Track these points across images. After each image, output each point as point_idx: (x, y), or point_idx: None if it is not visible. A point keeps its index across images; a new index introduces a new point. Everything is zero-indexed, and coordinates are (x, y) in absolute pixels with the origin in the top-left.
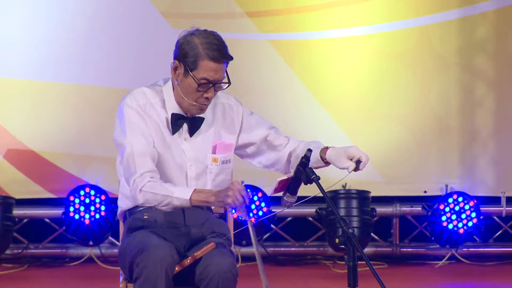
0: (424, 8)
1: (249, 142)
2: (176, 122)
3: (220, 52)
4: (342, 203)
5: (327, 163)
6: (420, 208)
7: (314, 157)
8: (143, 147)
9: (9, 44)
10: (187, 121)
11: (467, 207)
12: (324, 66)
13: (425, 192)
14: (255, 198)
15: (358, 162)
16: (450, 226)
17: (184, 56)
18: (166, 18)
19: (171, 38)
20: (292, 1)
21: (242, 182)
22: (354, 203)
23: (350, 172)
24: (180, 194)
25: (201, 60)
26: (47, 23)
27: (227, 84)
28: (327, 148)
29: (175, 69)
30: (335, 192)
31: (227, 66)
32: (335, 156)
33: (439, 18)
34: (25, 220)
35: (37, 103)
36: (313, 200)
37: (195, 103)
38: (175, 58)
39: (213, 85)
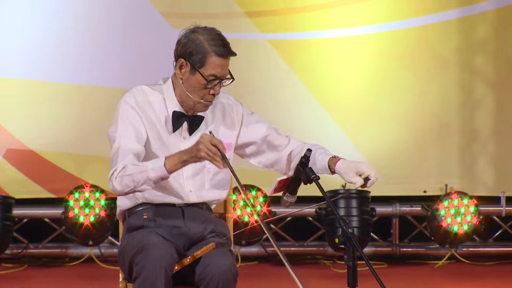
0: (424, 8)
1: (249, 142)
2: (177, 120)
3: (226, 47)
4: (341, 203)
5: (333, 173)
6: (419, 208)
7: (321, 165)
8: (130, 145)
9: (9, 44)
10: (187, 120)
11: (466, 207)
12: (324, 66)
13: (424, 192)
14: (261, 199)
15: (366, 179)
16: (450, 226)
17: (190, 54)
18: (166, 18)
19: (171, 38)
20: (292, 1)
21: (210, 132)
22: (354, 203)
23: (356, 188)
24: (153, 165)
25: (209, 57)
26: (47, 23)
27: (231, 80)
28: (335, 157)
29: (180, 67)
30: (335, 192)
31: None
32: (345, 169)
33: (438, 18)
34: (25, 220)
35: (37, 103)
36: (313, 200)
37: (201, 100)
38: (179, 56)
39: (220, 81)
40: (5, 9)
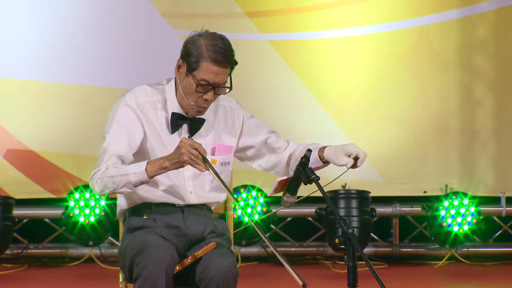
0: (424, 8)
1: (249, 145)
2: (176, 122)
3: (223, 55)
4: (342, 203)
5: (326, 163)
6: (420, 208)
7: (313, 157)
8: (119, 149)
9: (9, 44)
10: (187, 122)
11: (467, 207)
12: (324, 66)
13: (425, 192)
14: (263, 199)
15: (356, 158)
16: (450, 226)
17: (188, 55)
18: (166, 18)
19: (171, 38)
20: (292, 1)
21: (189, 137)
22: (354, 203)
23: (348, 169)
24: (135, 169)
25: (203, 61)
26: (47, 23)
27: (228, 89)
28: (325, 147)
29: (178, 67)
30: (335, 192)
31: (231, 71)
32: (333, 153)
33: (439, 18)
34: (25, 220)
35: (37, 103)
36: (313, 200)
37: (193, 104)
38: (180, 57)
39: (213, 88)
40: (5, 9)
